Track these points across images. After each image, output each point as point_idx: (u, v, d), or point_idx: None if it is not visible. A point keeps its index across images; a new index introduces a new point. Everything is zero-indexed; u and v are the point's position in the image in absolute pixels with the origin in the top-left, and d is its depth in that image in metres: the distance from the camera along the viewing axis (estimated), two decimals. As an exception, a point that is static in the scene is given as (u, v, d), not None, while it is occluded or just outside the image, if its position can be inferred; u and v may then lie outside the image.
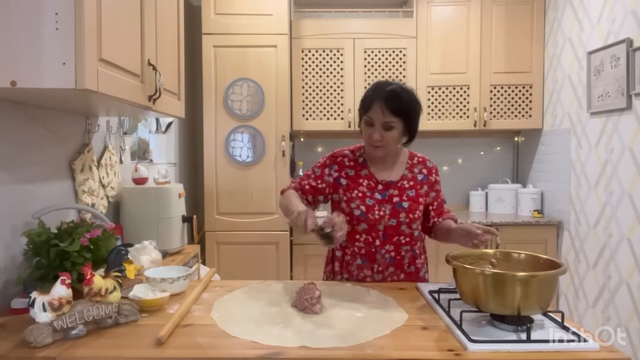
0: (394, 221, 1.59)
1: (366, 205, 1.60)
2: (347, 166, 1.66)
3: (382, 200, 1.61)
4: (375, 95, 1.54)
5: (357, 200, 1.60)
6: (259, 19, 3.06)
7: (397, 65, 3.36)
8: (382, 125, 1.54)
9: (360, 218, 1.59)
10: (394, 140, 1.57)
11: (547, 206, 3.35)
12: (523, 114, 3.38)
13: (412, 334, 1.13)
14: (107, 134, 2.15)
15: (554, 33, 3.23)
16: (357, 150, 1.70)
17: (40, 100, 1.45)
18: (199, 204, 3.43)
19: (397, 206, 1.60)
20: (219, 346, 1.06)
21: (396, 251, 1.62)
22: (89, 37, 1.17)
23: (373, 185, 1.62)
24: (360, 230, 1.61)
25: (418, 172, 1.67)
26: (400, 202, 1.61)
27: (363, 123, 1.59)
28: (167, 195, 2.22)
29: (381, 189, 1.62)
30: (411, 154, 1.71)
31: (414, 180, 1.65)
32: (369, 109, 1.55)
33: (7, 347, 1.05)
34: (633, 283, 2.44)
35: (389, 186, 1.63)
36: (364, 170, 1.65)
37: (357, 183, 1.63)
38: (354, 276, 1.64)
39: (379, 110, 1.52)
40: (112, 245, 1.41)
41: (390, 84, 1.56)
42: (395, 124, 1.54)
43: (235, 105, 3.09)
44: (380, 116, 1.53)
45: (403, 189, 1.63)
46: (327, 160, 1.68)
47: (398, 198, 1.61)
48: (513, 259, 1.28)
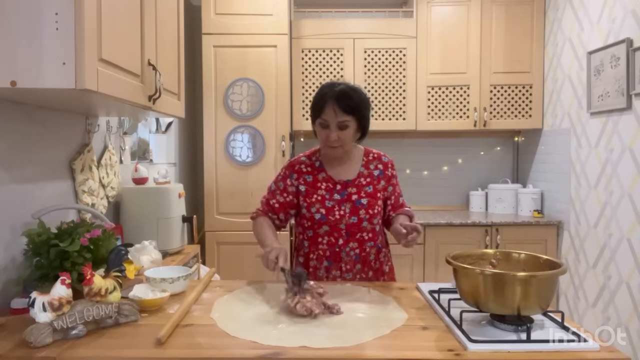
0: (354, 219, 1.62)
1: (326, 207, 1.62)
2: (304, 172, 1.68)
3: (341, 200, 1.63)
4: (326, 97, 1.56)
5: (317, 204, 1.63)
6: (259, 19, 3.06)
7: (397, 65, 3.36)
8: (337, 125, 1.56)
9: (322, 221, 1.62)
10: (350, 138, 1.60)
11: (547, 206, 3.35)
12: (523, 114, 3.38)
13: (412, 334, 1.13)
14: (107, 134, 2.15)
15: (554, 33, 3.23)
16: (312, 154, 1.73)
17: (40, 100, 1.45)
18: (199, 204, 3.43)
19: (356, 203, 1.63)
20: (219, 346, 1.06)
21: (360, 248, 1.65)
22: (89, 37, 1.17)
23: (332, 187, 1.65)
24: (322, 232, 1.64)
25: (374, 168, 1.70)
26: (359, 199, 1.63)
27: (317, 126, 1.61)
28: (167, 195, 2.22)
29: (339, 189, 1.65)
30: (366, 151, 1.74)
31: (370, 176, 1.68)
32: (321, 111, 1.57)
33: (7, 347, 1.05)
34: (633, 283, 2.44)
35: (347, 185, 1.65)
36: (322, 174, 1.67)
37: (315, 187, 1.65)
38: (323, 279, 1.64)
39: (332, 111, 1.54)
40: (112, 245, 1.41)
41: (338, 84, 1.59)
42: (350, 122, 1.57)
43: (235, 105, 3.09)
44: (334, 117, 1.55)
45: (360, 186, 1.65)
46: (286, 171, 1.71)
47: (357, 195, 1.64)
48: (513, 259, 1.28)
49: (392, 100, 3.38)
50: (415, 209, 3.69)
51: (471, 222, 3.14)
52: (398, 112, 3.39)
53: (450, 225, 3.11)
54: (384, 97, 3.37)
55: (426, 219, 3.16)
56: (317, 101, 1.59)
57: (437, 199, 3.73)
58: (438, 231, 3.09)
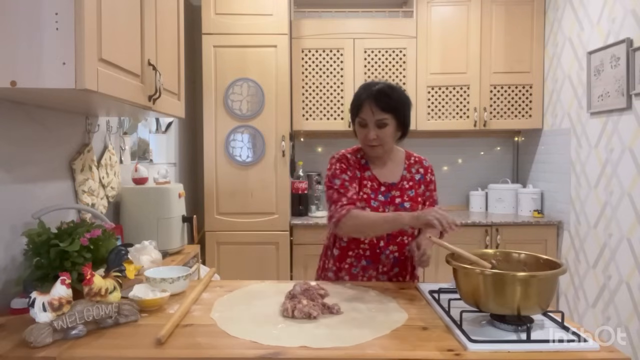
0: None
1: (371, 207, 1.61)
2: (354, 167, 1.65)
3: (385, 202, 1.62)
4: (364, 95, 1.56)
5: (363, 202, 1.61)
6: (259, 19, 3.06)
7: (397, 65, 3.36)
8: (376, 124, 1.55)
9: None
10: (389, 137, 1.59)
11: (547, 206, 3.35)
12: (523, 114, 3.38)
13: (412, 334, 1.13)
14: (107, 134, 2.15)
15: (554, 33, 3.23)
16: (356, 152, 1.70)
17: (40, 100, 1.45)
18: (199, 204, 3.43)
19: (400, 207, 1.62)
20: (219, 346, 1.06)
21: (400, 251, 1.64)
22: (89, 37, 1.17)
23: (376, 187, 1.64)
24: None
25: (415, 172, 1.69)
26: (402, 202, 1.63)
27: (357, 125, 1.61)
28: (167, 195, 2.22)
29: (384, 191, 1.64)
30: (408, 154, 1.74)
31: (412, 180, 1.68)
32: (359, 110, 1.57)
33: (7, 347, 1.05)
34: (633, 283, 2.44)
35: (391, 188, 1.64)
36: (367, 172, 1.66)
37: (361, 185, 1.63)
38: (358, 277, 1.64)
39: (369, 110, 1.55)
40: (112, 245, 1.41)
41: (378, 83, 1.59)
42: (388, 120, 1.56)
43: (235, 105, 3.09)
44: (371, 115, 1.55)
45: (404, 189, 1.65)
46: (341, 165, 1.63)
47: (400, 199, 1.63)
48: (513, 259, 1.28)
49: (392, 100, 3.37)
50: (415, 209, 3.72)
51: (471, 222, 3.14)
52: (398, 112, 3.38)
53: (450, 225, 3.11)
54: (384, 97, 3.37)
55: (426, 219, 3.15)
56: (355, 100, 1.60)
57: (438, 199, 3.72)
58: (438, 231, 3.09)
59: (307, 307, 1.23)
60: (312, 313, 1.22)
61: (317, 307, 1.25)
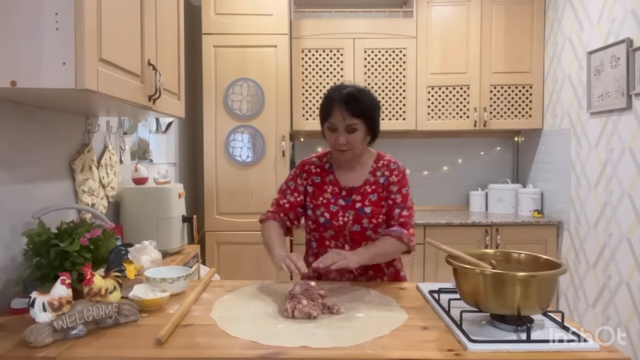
0: (357, 227, 1.60)
1: (330, 211, 1.61)
2: (313, 173, 1.67)
3: (346, 206, 1.61)
4: (334, 100, 1.53)
5: (322, 207, 1.62)
6: (259, 19, 3.06)
7: (397, 65, 3.36)
8: (345, 129, 1.53)
9: (326, 225, 1.62)
10: (359, 141, 1.57)
11: (547, 206, 3.35)
12: (523, 114, 3.38)
13: (412, 334, 1.13)
14: (107, 134, 2.15)
15: (554, 33, 3.23)
16: (324, 156, 1.71)
17: (40, 100, 1.45)
18: (199, 204, 3.43)
19: (360, 212, 1.59)
20: (219, 346, 1.06)
21: None
22: (89, 37, 1.17)
23: (337, 191, 1.63)
24: (327, 236, 1.63)
25: (380, 175, 1.64)
26: (362, 207, 1.60)
27: (326, 129, 1.59)
28: (167, 195, 2.22)
29: (345, 195, 1.62)
30: (379, 157, 1.69)
31: (376, 184, 1.63)
32: (329, 114, 1.55)
33: (7, 347, 1.05)
34: (633, 283, 2.44)
35: (352, 192, 1.62)
36: (330, 176, 1.66)
37: (322, 190, 1.64)
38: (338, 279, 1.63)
39: (339, 115, 1.52)
40: (112, 245, 1.41)
41: (347, 87, 1.57)
42: (358, 125, 1.54)
43: (235, 105, 3.09)
44: (342, 120, 1.53)
45: (365, 193, 1.62)
46: (297, 170, 1.70)
47: (360, 204, 1.60)
48: (513, 259, 1.28)
49: (392, 100, 3.38)
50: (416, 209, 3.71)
51: (471, 222, 3.14)
52: (398, 112, 3.39)
53: (450, 225, 3.11)
54: (384, 97, 3.37)
55: (426, 219, 3.16)
56: (324, 104, 1.57)
57: (437, 199, 3.73)
58: (438, 231, 3.09)
59: (307, 307, 1.23)
60: (312, 313, 1.22)
61: (317, 307, 1.25)
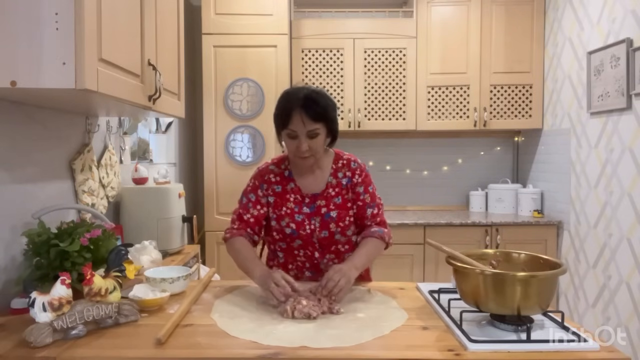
0: (325, 232, 1.55)
1: (296, 221, 1.54)
2: (273, 182, 1.58)
3: (311, 214, 1.55)
4: (292, 105, 1.44)
5: (287, 217, 1.55)
6: (259, 19, 3.06)
7: (397, 65, 3.36)
8: (307, 135, 1.45)
9: (293, 235, 1.55)
10: (321, 145, 1.51)
11: (547, 206, 3.35)
12: (523, 114, 3.38)
13: (412, 334, 1.13)
14: (107, 134, 2.15)
15: (554, 33, 3.23)
16: (281, 162, 1.62)
17: (40, 100, 1.45)
18: (199, 204, 3.43)
19: (326, 217, 1.54)
20: (219, 346, 1.06)
21: (339, 259, 1.59)
22: (89, 37, 1.17)
23: (300, 199, 1.56)
24: (296, 246, 1.58)
25: (342, 177, 1.58)
26: (328, 212, 1.55)
27: (285, 136, 1.49)
28: (167, 195, 2.22)
29: (308, 202, 1.56)
30: (337, 156, 1.62)
31: (339, 186, 1.57)
32: (288, 121, 1.45)
33: (7, 347, 1.05)
34: (633, 283, 2.44)
35: (316, 198, 1.56)
36: (290, 184, 1.58)
37: (284, 199, 1.57)
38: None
39: (300, 120, 1.43)
40: (112, 245, 1.41)
41: (301, 89, 1.49)
42: (320, 130, 1.46)
43: (235, 105, 3.09)
44: (302, 126, 1.44)
45: (329, 197, 1.56)
46: (255, 181, 1.60)
47: (325, 208, 1.55)
48: (513, 259, 1.28)
49: (392, 100, 3.38)
50: (416, 209, 3.73)
51: (471, 222, 3.14)
52: (398, 112, 3.38)
53: (450, 225, 3.11)
54: (384, 97, 3.37)
55: (426, 219, 3.16)
56: (282, 111, 1.47)
57: (437, 199, 3.73)
58: (438, 231, 3.09)
59: (307, 307, 1.23)
60: (312, 313, 1.22)
61: (317, 307, 1.25)
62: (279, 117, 1.50)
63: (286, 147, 1.53)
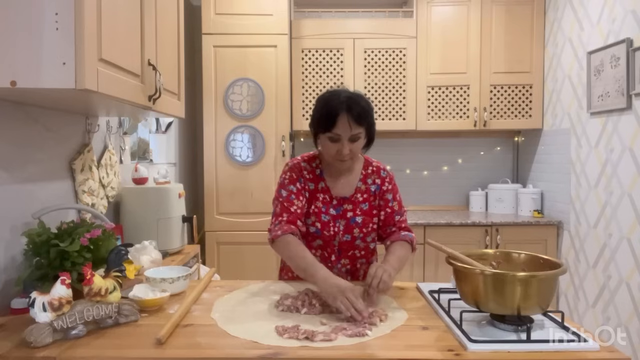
0: (348, 236, 1.56)
1: (322, 221, 1.55)
2: (307, 179, 1.58)
3: (337, 216, 1.56)
4: (337, 109, 1.42)
5: (313, 216, 1.55)
6: (259, 19, 3.07)
7: (397, 65, 3.36)
8: (350, 138, 1.44)
9: (316, 235, 1.56)
10: (360, 149, 1.51)
11: (547, 206, 3.35)
12: (523, 114, 3.38)
13: (412, 334, 1.13)
14: (107, 134, 2.15)
15: (554, 33, 3.23)
16: (312, 160, 1.61)
17: (40, 100, 1.45)
18: (199, 204, 3.43)
19: (351, 221, 1.56)
20: (219, 346, 1.06)
21: (352, 264, 1.61)
22: (89, 37, 1.17)
23: (328, 200, 1.57)
24: (315, 246, 1.58)
25: (372, 183, 1.60)
26: (354, 217, 1.56)
27: (324, 139, 1.47)
28: (167, 195, 2.22)
29: (336, 204, 1.57)
30: (367, 162, 1.63)
31: (367, 192, 1.59)
32: (333, 124, 1.42)
33: (7, 347, 1.05)
34: (633, 283, 2.44)
35: (344, 201, 1.57)
36: (321, 183, 1.58)
37: (314, 197, 1.57)
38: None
39: (347, 124, 1.41)
40: (112, 245, 1.41)
41: (342, 92, 1.47)
42: (362, 134, 1.47)
43: (235, 105, 3.09)
44: (348, 130, 1.42)
45: (357, 202, 1.57)
46: (292, 174, 1.56)
47: (352, 213, 1.56)
48: (513, 259, 1.28)
49: (392, 100, 3.38)
50: (416, 209, 3.73)
51: (471, 222, 3.14)
52: (398, 112, 3.39)
53: (450, 225, 3.11)
54: (384, 97, 3.37)
55: (426, 219, 3.16)
56: (325, 115, 1.44)
57: (437, 199, 3.73)
58: (438, 231, 3.09)
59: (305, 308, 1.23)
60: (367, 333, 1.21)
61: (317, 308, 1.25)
62: (322, 121, 1.46)
63: (324, 150, 1.52)
